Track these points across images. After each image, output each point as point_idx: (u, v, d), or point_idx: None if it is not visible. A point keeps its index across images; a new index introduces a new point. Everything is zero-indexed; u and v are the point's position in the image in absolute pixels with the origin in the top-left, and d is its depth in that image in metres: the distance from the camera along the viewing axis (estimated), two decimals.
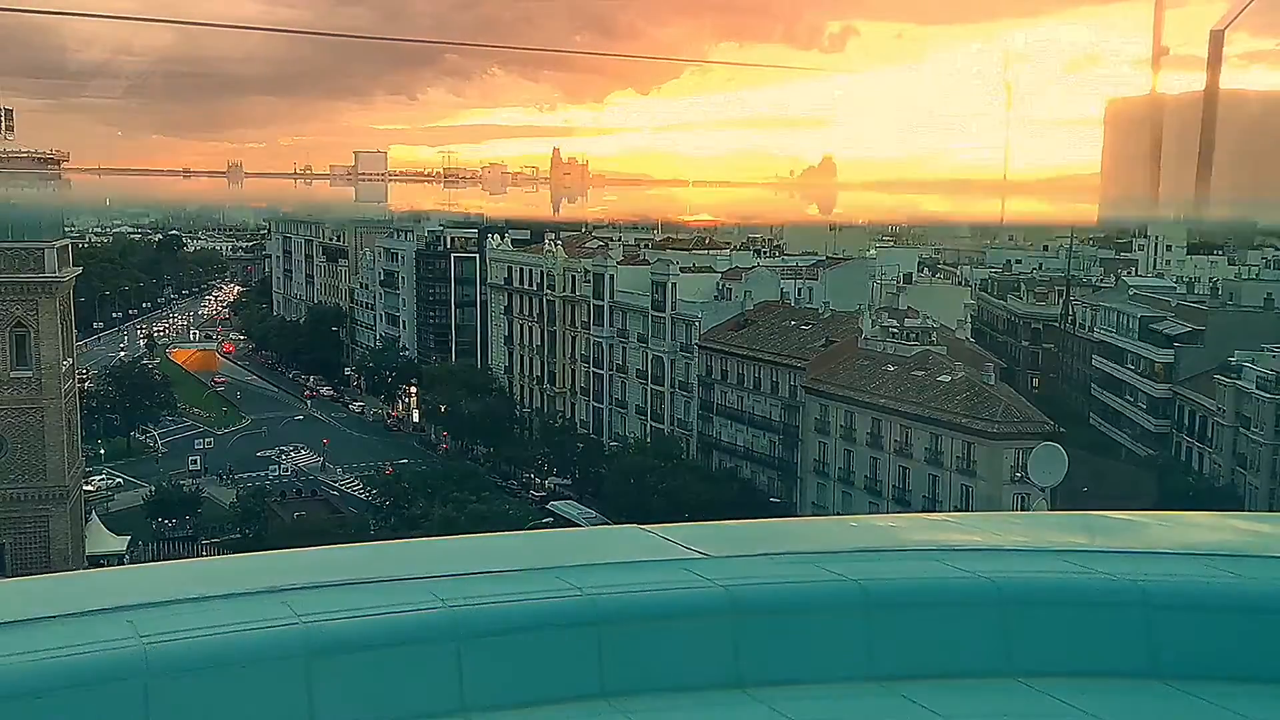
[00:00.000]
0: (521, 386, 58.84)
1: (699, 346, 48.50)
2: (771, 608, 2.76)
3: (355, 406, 66.99)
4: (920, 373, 41.09)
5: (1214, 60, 8.59)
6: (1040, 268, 62.04)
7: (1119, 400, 47.68)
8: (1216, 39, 8.52)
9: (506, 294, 59.98)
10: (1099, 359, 49.36)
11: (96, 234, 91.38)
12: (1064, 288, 55.23)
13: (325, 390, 69.70)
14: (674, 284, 49.79)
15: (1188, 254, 60.49)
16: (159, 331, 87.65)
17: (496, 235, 63.59)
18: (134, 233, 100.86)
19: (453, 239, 68.13)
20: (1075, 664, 2.72)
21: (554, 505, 44.86)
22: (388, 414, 65.66)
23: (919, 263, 59.33)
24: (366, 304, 73.08)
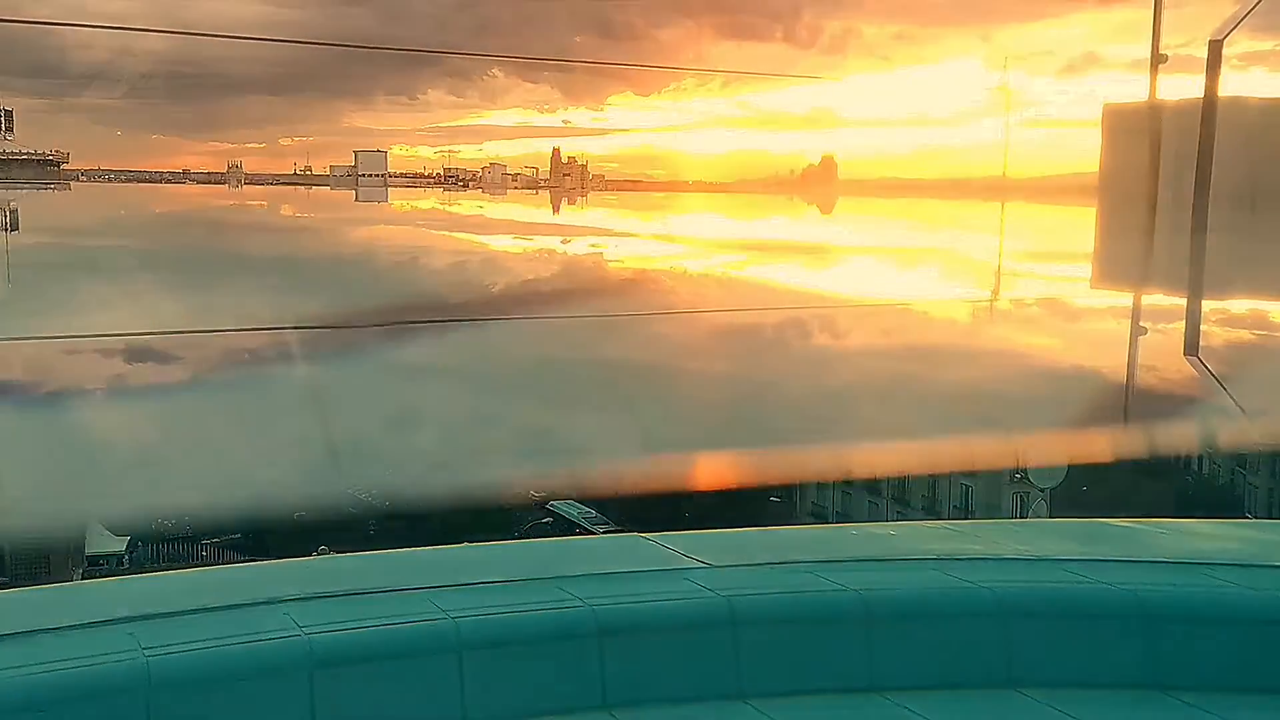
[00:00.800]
0: None
1: None
2: (772, 618, 2.76)
3: None
4: None
5: (1212, 69, 8.63)
6: None
7: None
8: (1215, 49, 8.56)
9: None
10: None
11: None
12: None
13: None
14: None
15: None
16: None
17: None
18: None
19: None
20: (1075, 674, 2.72)
21: (554, 504, 44.91)
22: None
23: None
24: None
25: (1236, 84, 11.20)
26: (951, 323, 7.30)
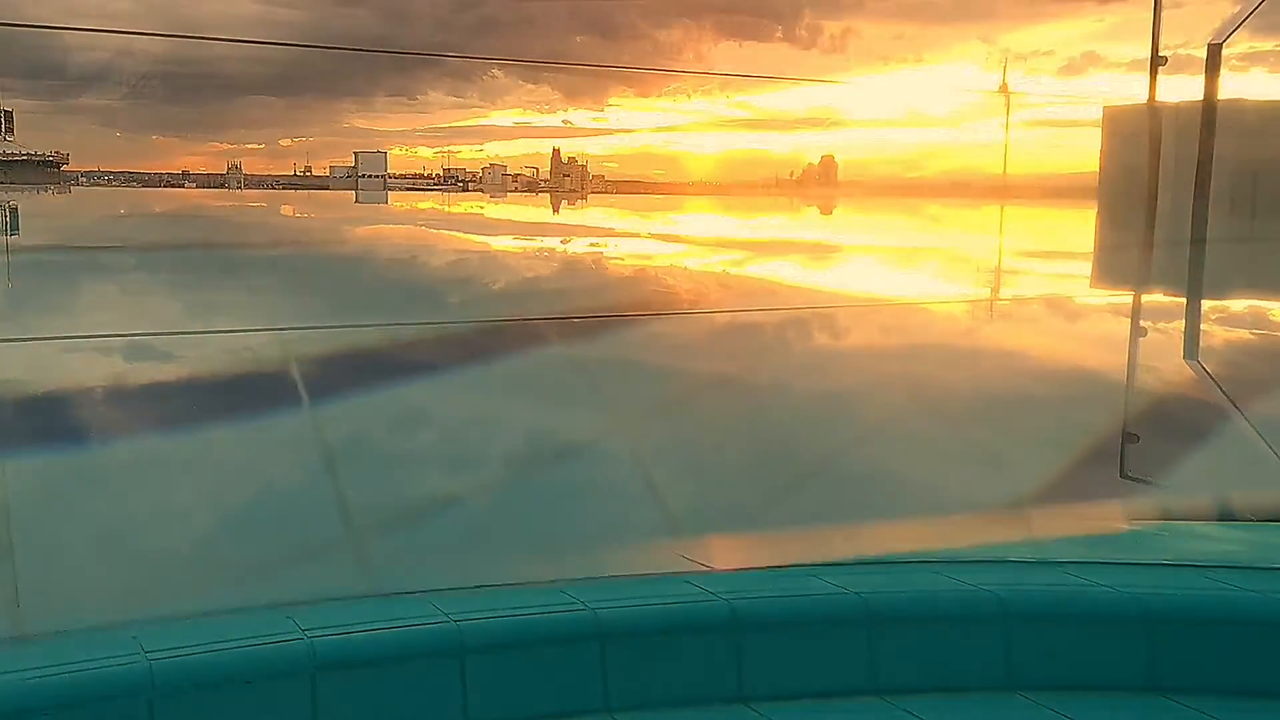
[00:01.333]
0: None
1: None
2: (774, 621, 2.77)
3: None
4: None
5: (1211, 73, 8.64)
6: None
7: None
8: (1214, 53, 8.58)
9: None
10: None
11: None
12: None
13: None
14: None
15: None
16: None
17: None
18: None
19: None
20: (1077, 678, 2.73)
21: None
22: None
23: None
24: None
25: (1237, 85, 11.27)
26: (949, 324, 7.31)
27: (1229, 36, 10.88)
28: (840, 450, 4.65)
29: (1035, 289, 8.97)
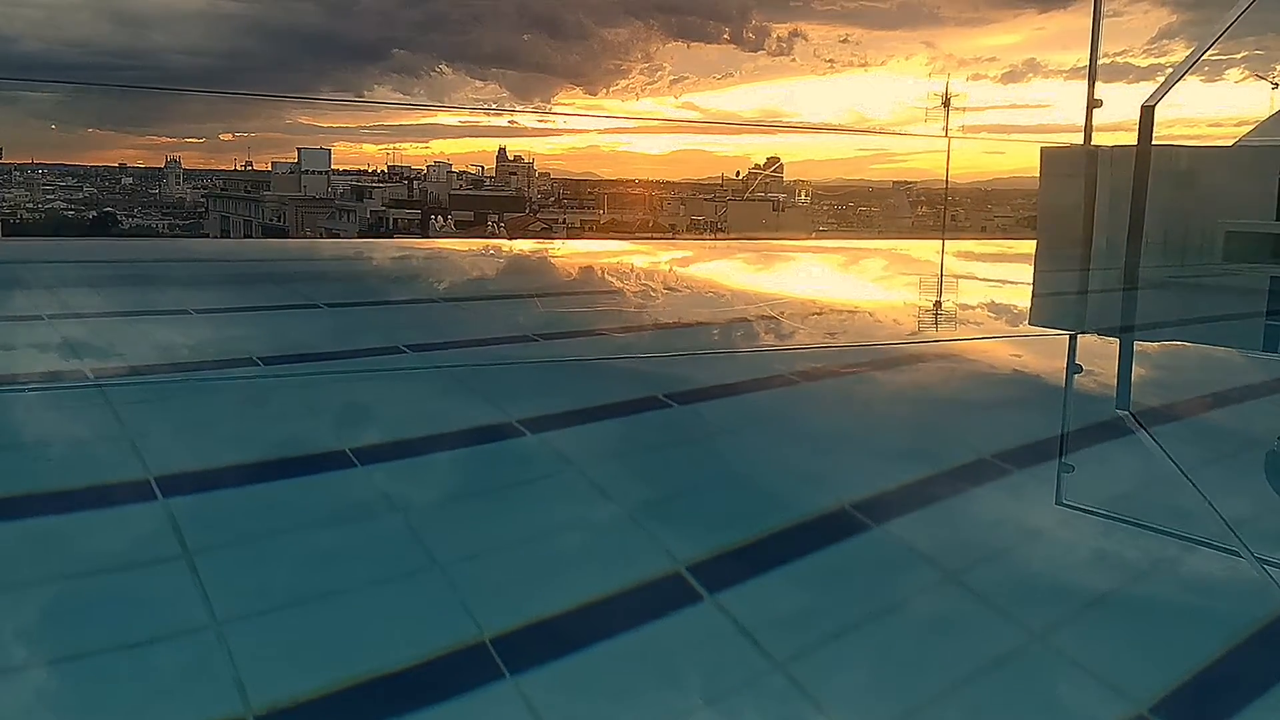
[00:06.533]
0: None
1: None
2: None
3: None
4: None
5: (1144, 130, 8.75)
6: None
7: None
8: (1146, 114, 8.68)
9: None
10: None
11: (29, 210, 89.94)
12: None
13: None
14: None
15: None
16: None
17: (439, 216, 63.92)
18: (68, 209, 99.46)
19: (395, 219, 68.10)
20: None
21: None
22: None
23: None
24: None
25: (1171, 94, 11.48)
26: (884, 359, 7.37)
27: (1161, 99, 11.04)
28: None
29: (973, 324, 9.05)
